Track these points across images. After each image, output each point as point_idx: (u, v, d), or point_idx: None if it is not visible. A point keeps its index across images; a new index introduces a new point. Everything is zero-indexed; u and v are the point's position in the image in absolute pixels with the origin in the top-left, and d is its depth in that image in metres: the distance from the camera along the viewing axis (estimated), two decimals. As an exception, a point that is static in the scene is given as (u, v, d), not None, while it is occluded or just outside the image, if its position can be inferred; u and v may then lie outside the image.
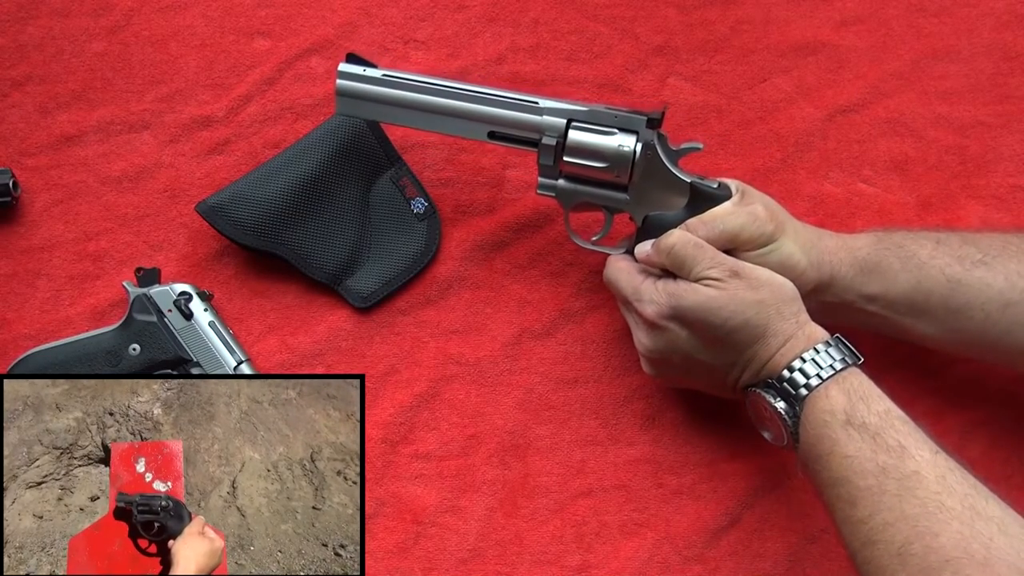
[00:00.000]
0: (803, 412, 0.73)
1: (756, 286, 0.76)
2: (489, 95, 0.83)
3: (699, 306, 0.76)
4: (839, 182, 0.95)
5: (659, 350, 0.80)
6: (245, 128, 0.95)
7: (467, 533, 0.87)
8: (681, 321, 0.78)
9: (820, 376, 0.73)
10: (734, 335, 0.76)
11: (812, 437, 0.72)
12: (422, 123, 0.85)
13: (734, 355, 0.77)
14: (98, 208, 0.93)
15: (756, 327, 0.75)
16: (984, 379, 0.89)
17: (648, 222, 0.83)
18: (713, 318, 0.76)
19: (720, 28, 0.98)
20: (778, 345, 0.75)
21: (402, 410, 0.89)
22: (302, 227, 0.90)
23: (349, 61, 0.86)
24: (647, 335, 0.80)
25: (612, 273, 0.84)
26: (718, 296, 0.76)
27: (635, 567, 0.86)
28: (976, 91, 0.96)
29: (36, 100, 0.95)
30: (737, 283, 0.76)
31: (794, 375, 0.74)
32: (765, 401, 0.75)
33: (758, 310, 0.75)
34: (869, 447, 0.69)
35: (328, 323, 0.91)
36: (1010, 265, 0.78)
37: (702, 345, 0.78)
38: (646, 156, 0.82)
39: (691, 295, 0.77)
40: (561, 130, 0.82)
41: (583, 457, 0.88)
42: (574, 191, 0.84)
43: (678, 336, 0.78)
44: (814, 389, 0.73)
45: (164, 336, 0.87)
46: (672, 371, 0.82)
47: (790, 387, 0.74)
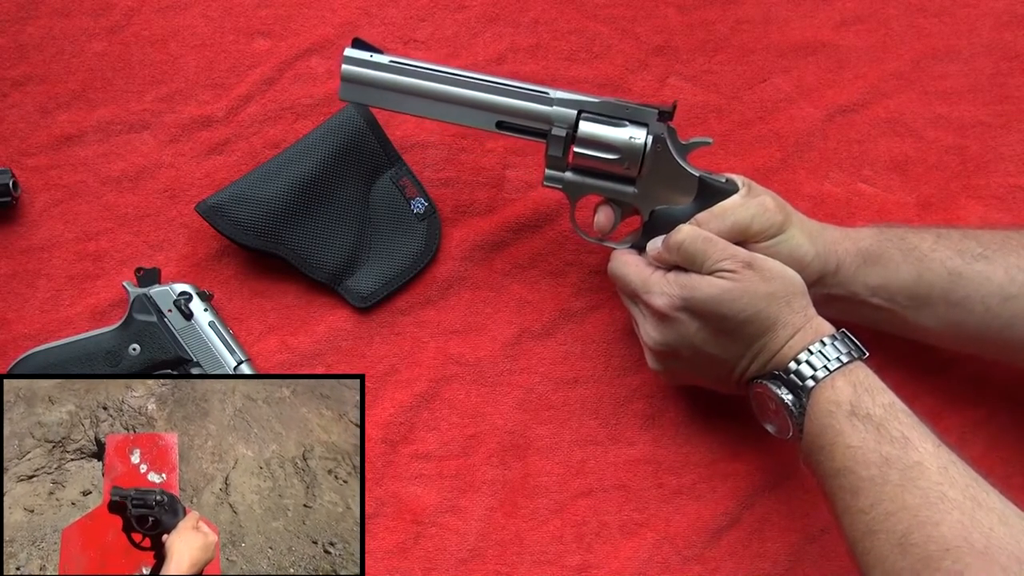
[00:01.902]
0: (809, 403, 0.73)
1: (769, 278, 0.76)
2: (499, 84, 0.82)
3: (713, 298, 0.76)
4: (839, 182, 0.95)
5: (667, 343, 0.80)
6: (245, 128, 0.95)
7: (467, 533, 0.87)
8: (693, 313, 0.78)
9: (827, 368, 0.73)
10: (745, 327, 0.76)
11: (816, 428, 0.72)
12: (429, 111, 0.83)
13: (743, 347, 0.77)
14: (98, 208, 0.93)
15: (767, 319, 0.76)
16: (984, 379, 0.89)
17: (655, 216, 0.83)
18: (726, 310, 0.76)
19: (720, 28, 0.98)
20: (787, 337, 0.75)
21: (402, 410, 0.89)
22: (302, 227, 0.90)
23: (355, 46, 0.84)
24: (656, 327, 0.80)
25: (618, 267, 0.83)
26: (732, 288, 0.76)
27: (635, 567, 0.86)
28: (976, 91, 0.96)
29: (36, 100, 0.95)
30: (750, 275, 0.76)
31: (801, 367, 0.74)
32: (771, 392, 0.76)
33: (769, 302, 0.76)
34: (873, 438, 0.69)
35: (328, 323, 0.91)
36: (1010, 259, 0.78)
37: (712, 337, 0.78)
38: (656, 149, 0.81)
39: (705, 287, 0.77)
40: (572, 121, 0.82)
41: (583, 457, 0.88)
42: (582, 184, 0.83)
43: (688, 328, 0.78)
44: (821, 380, 0.73)
45: (164, 336, 0.87)
46: (678, 365, 0.82)
47: (797, 379, 0.74)
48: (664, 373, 0.84)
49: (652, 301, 0.79)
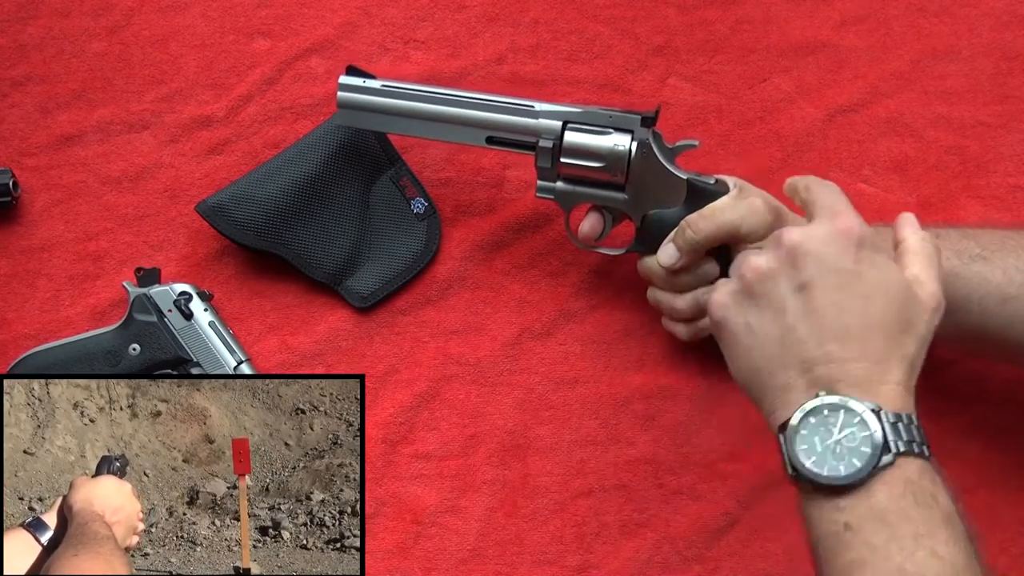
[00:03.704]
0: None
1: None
2: (485, 101, 0.84)
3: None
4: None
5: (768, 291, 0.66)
6: (245, 128, 0.95)
7: (467, 533, 0.87)
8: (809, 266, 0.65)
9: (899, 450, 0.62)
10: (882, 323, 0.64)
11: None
12: (421, 131, 0.86)
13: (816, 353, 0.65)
14: (98, 208, 0.93)
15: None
16: (984, 379, 0.89)
17: (647, 220, 0.83)
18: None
19: (720, 28, 0.98)
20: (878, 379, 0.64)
21: (402, 410, 0.89)
22: (302, 227, 0.90)
23: (349, 73, 0.86)
24: (770, 257, 0.67)
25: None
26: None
27: (635, 567, 0.86)
28: (976, 91, 0.96)
29: (36, 100, 0.95)
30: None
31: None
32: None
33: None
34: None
35: (328, 323, 0.91)
36: (1008, 260, 0.78)
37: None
38: (642, 155, 0.82)
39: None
40: (557, 132, 0.83)
41: (583, 457, 0.88)
42: (572, 192, 0.84)
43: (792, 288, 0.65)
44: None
45: (164, 336, 0.87)
46: (743, 326, 0.68)
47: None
48: (716, 327, 0.70)
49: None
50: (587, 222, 0.85)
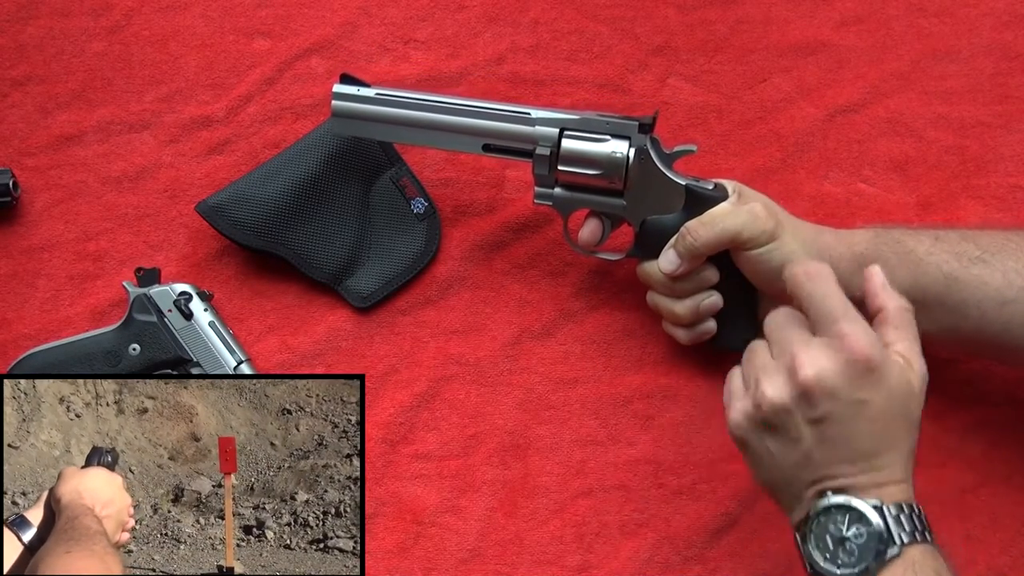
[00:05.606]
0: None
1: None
2: (481, 108, 0.84)
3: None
4: (839, 182, 0.95)
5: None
6: (245, 128, 0.95)
7: (467, 533, 0.87)
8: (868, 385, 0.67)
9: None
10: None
11: None
12: (417, 139, 0.86)
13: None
14: (98, 208, 0.93)
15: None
16: (984, 379, 0.89)
17: (645, 226, 0.83)
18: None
19: (720, 28, 0.98)
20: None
21: (402, 410, 0.89)
22: (302, 227, 0.90)
23: (343, 81, 0.86)
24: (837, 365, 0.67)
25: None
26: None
27: (635, 567, 0.86)
28: (976, 91, 0.96)
29: (36, 100, 0.95)
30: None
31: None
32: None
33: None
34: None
35: (328, 323, 0.91)
36: (1008, 263, 0.77)
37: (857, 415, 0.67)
38: (640, 161, 0.82)
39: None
40: (554, 139, 0.82)
41: (583, 457, 0.88)
42: (571, 199, 0.84)
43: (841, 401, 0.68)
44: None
45: (164, 336, 0.87)
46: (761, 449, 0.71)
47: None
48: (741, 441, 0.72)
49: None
50: (586, 228, 0.85)
